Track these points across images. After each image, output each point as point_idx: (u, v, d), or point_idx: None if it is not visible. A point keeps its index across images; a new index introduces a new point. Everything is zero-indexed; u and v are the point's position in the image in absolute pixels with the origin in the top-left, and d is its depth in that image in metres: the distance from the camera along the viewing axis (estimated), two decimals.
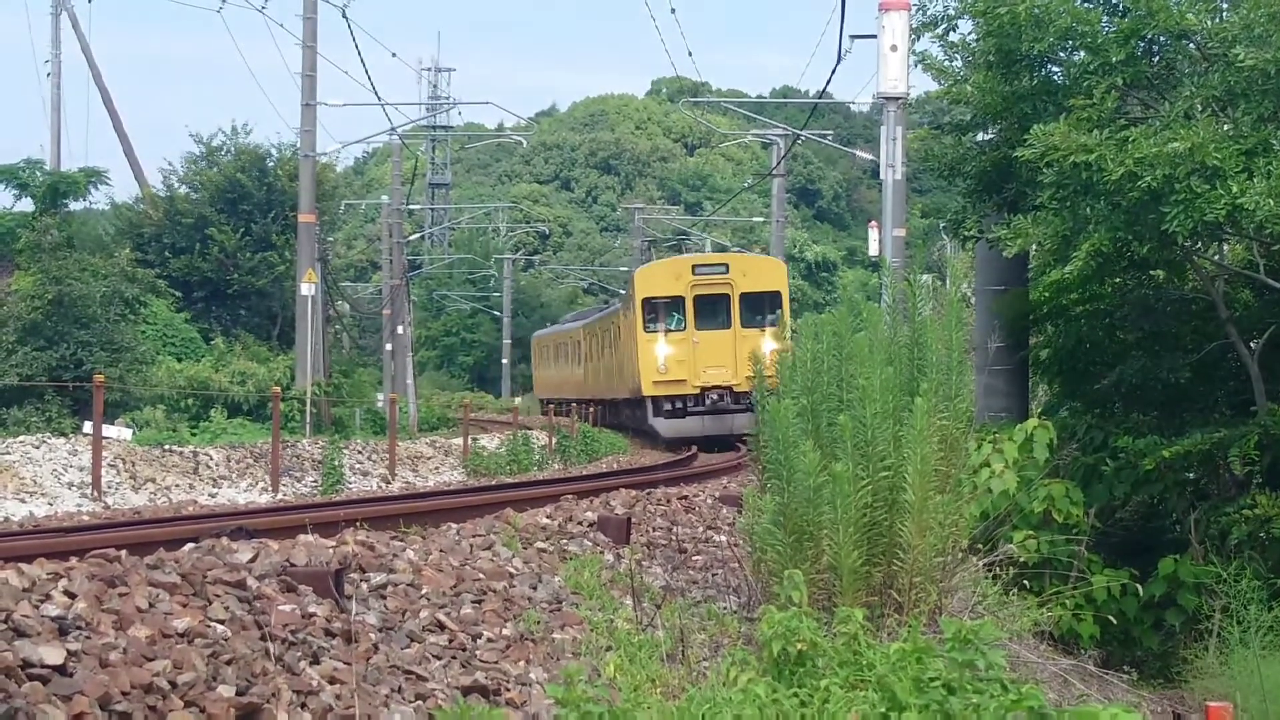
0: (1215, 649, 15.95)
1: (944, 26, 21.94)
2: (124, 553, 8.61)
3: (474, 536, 12.31)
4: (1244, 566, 17.51)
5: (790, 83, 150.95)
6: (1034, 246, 21.00)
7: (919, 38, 23.17)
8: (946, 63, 22.35)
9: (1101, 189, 18.47)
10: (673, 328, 47.54)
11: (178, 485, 28.22)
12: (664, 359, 47.15)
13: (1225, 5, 19.45)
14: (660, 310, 47.97)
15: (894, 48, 26.07)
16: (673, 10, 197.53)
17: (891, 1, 25.92)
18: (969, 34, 21.79)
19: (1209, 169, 17.55)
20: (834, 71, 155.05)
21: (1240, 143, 17.82)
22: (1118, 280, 22.91)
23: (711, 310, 47.63)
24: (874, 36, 28.19)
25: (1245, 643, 15.25)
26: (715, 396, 46.81)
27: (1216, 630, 16.24)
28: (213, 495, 27.52)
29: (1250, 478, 20.71)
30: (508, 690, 8.61)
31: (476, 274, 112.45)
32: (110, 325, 44.52)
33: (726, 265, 48.84)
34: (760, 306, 47.10)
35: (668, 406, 47.44)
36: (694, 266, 48.87)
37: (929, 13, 21.99)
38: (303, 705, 7.43)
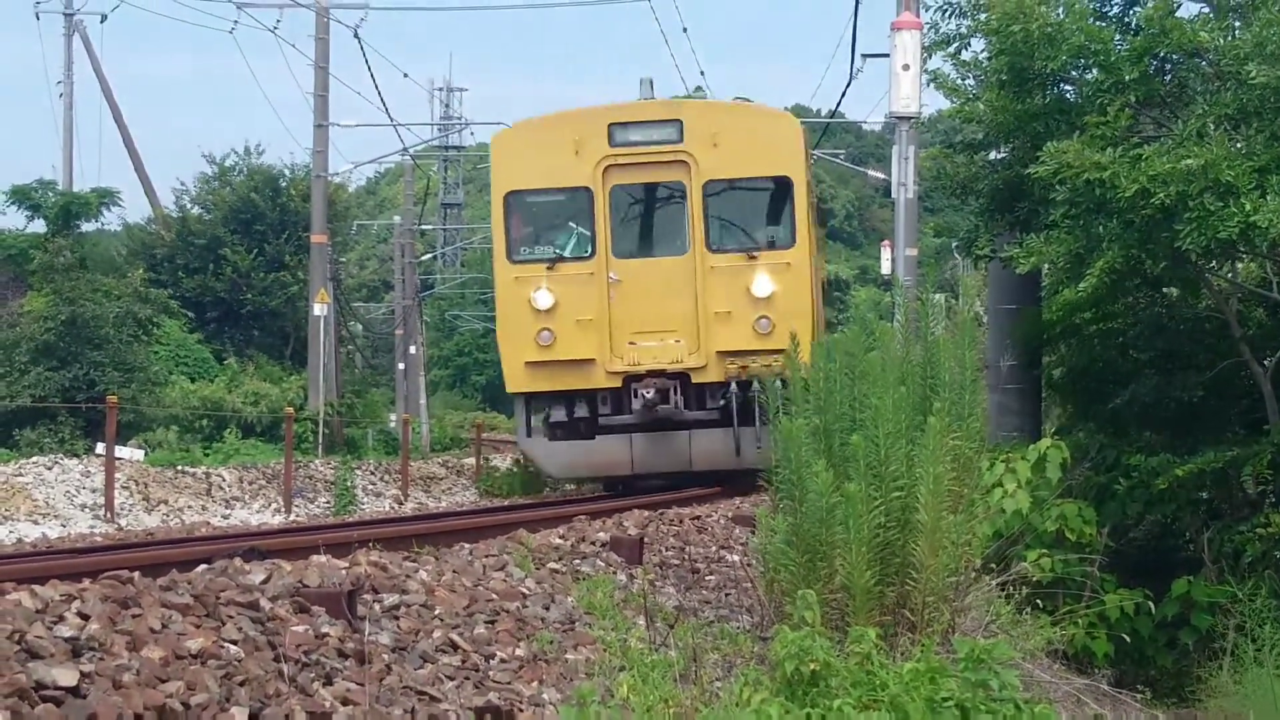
0: (1229, 668, 15.92)
1: (956, 45, 21.98)
2: (137, 574, 8.61)
3: (487, 557, 12.31)
4: (1259, 585, 17.50)
5: (802, 101, 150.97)
6: (1046, 265, 21.02)
7: (931, 56, 23.22)
8: (959, 81, 22.39)
9: (1114, 207, 18.49)
10: (567, 253, 25.77)
11: (190, 506, 28.25)
12: (546, 316, 25.37)
13: (1238, 24, 19.46)
14: (541, 218, 26.36)
15: (906, 67, 26.03)
16: (684, 29, 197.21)
17: (904, 21, 25.91)
18: (981, 52, 21.83)
19: (1222, 186, 17.58)
20: (846, 90, 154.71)
21: (1253, 160, 17.84)
22: (1130, 299, 22.93)
23: (647, 216, 26.43)
24: (886, 56, 28.16)
25: (1260, 661, 15.21)
26: (652, 394, 24.89)
27: (1230, 649, 16.21)
28: (225, 516, 27.54)
29: (1263, 496, 20.69)
30: (521, 711, 8.60)
31: (489, 294, 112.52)
32: (123, 346, 44.55)
33: (679, 124, 25.74)
34: (749, 207, 26.44)
35: (557, 414, 25.86)
36: (612, 127, 25.73)
37: (941, 31, 22.03)
38: None
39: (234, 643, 7.83)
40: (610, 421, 25.58)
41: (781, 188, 25.88)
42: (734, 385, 25.07)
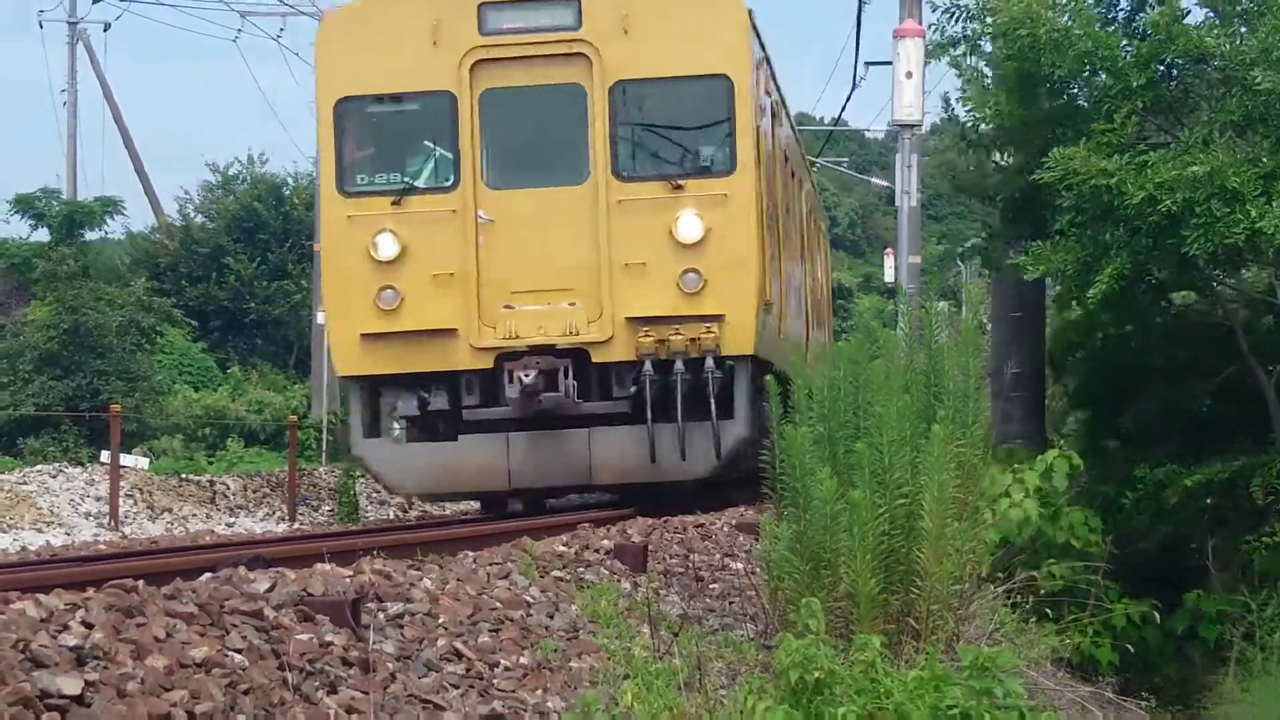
0: (1235, 675, 15.93)
1: (963, 48, 21.89)
2: (141, 583, 8.61)
3: (491, 565, 12.30)
4: (1271, 595, 17.49)
5: (805, 109, 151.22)
6: (1054, 274, 20.99)
7: (938, 59, 23.09)
8: (975, 66, 22.21)
9: (1121, 214, 18.51)
10: (421, 183, 19.63)
11: (194, 515, 28.24)
12: (391, 270, 19.21)
13: (1243, 30, 19.48)
14: (385, 134, 20.03)
15: (909, 74, 26.04)
16: None
17: (906, 29, 25.93)
18: (985, 55, 21.80)
19: (1229, 192, 17.60)
20: (849, 98, 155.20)
21: (1258, 166, 17.87)
22: (1138, 307, 22.92)
23: (532, 131, 19.77)
24: (889, 63, 28.18)
25: (1268, 670, 15.22)
26: (533, 377, 18.53)
27: (1235, 656, 16.22)
28: (229, 524, 27.52)
29: (1270, 506, 20.66)
30: (525, 719, 8.60)
31: None
32: (126, 355, 44.58)
33: (576, 4, 19.39)
34: (673, 118, 19.66)
35: (405, 406, 19.74)
36: (484, 8, 19.41)
37: (947, 34, 21.96)
38: None
39: (238, 651, 7.82)
40: (478, 416, 19.30)
41: (717, 91, 19.28)
42: (649, 365, 18.67)
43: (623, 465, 19.28)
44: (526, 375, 18.42)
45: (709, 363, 18.63)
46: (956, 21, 21.62)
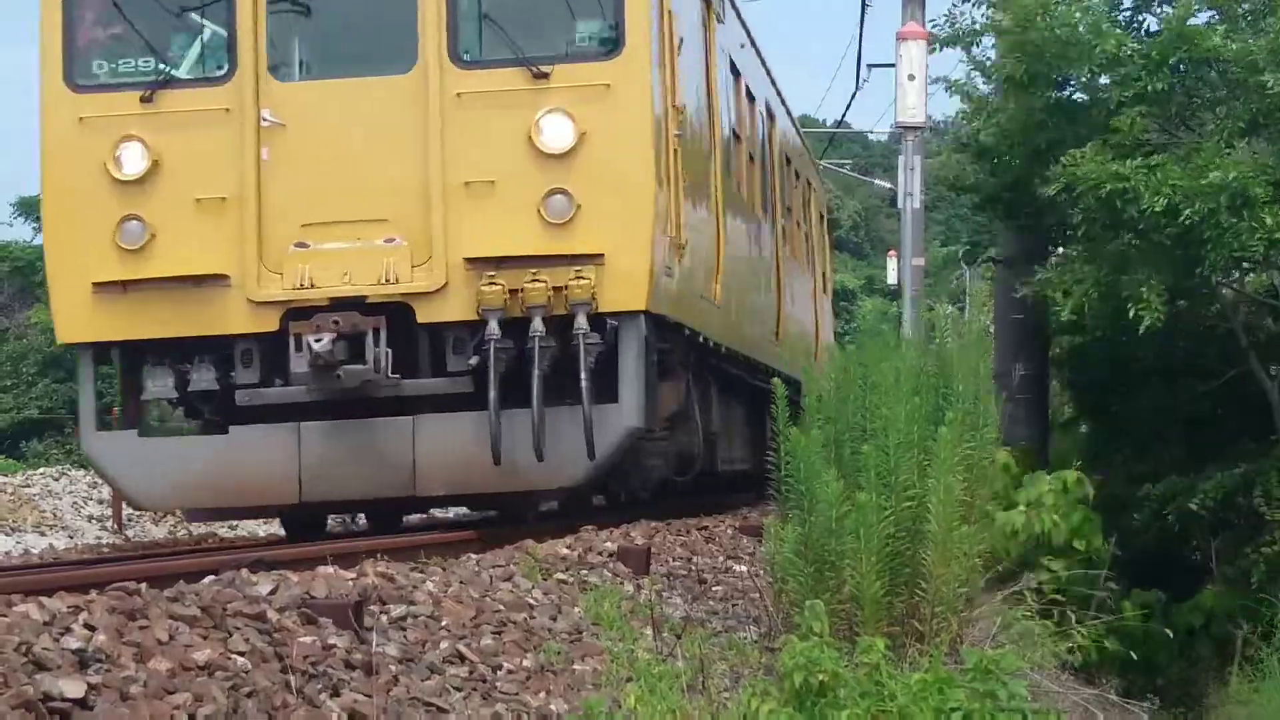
0: (1245, 675, 15.92)
1: (970, 38, 21.73)
2: (144, 585, 8.60)
3: (494, 568, 12.28)
4: None
5: (808, 111, 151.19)
6: (1084, 304, 20.58)
7: (941, 49, 22.98)
8: (974, 85, 22.15)
9: (1134, 224, 18.28)
10: (183, 73, 14.35)
11: None
12: (137, 193, 14.02)
13: (1250, 37, 19.33)
14: (132, 7, 14.19)
15: (911, 77, 25.97)
16: None
17: (909, 31, 25.85)
18: (990, 48, 21.74)
19: (1244, 199, 17.45)
20: (851, 100, 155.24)
21: (1268, 173, 17.74)
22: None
23: (339, 2, 14.40)
24: (892, 66, 28.14)
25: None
26: (329, 342, 13.33)
27: (1242, 656, 16.22)
28: (232, 527, 27.51)
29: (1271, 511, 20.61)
30: None
31: None
32: None
33: None
34: None
35: (157, 385, 14.90)
36: None
37: (956, 25, 21.82)
38: None
39: (241, 654, 7.81)
40: (257, 400, 14.21)
41: None
42: (495, 326, 13.69)
43: (459, 469, 14.38)
44: (318, 341, 13.47)
45: (580, 321, 13.83)
46: (969, 4, 21.48)
